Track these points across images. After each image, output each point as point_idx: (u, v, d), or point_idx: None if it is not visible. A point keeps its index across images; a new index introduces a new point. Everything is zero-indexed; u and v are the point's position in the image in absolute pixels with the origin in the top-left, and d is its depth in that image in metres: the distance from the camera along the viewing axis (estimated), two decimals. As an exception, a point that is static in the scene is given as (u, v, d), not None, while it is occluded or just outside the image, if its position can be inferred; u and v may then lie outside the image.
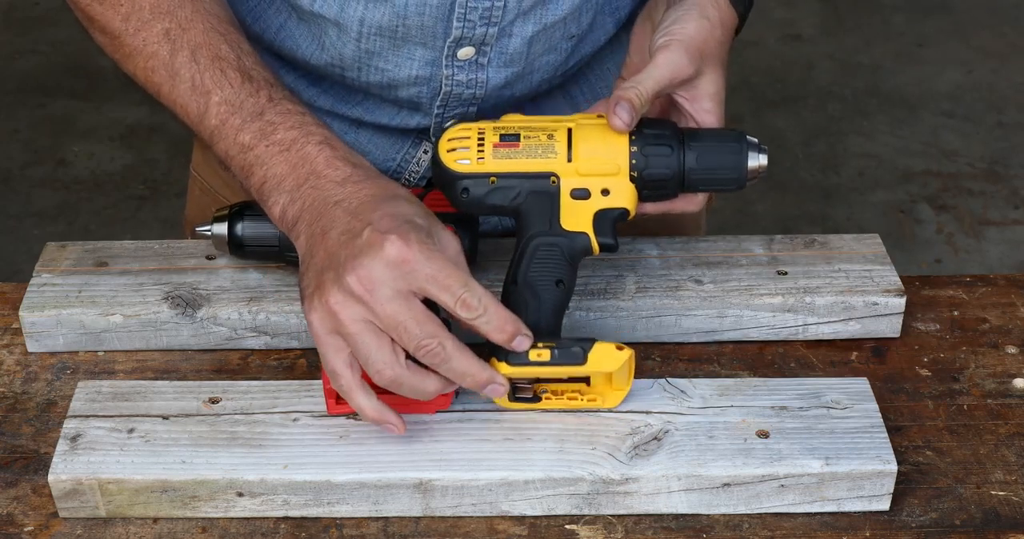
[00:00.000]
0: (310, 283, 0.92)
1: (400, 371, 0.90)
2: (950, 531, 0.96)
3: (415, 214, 0.93)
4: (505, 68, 1.12)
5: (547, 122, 1.01)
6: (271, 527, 0.95)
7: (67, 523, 0.96)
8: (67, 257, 1.14)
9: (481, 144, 1.00)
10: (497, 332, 0.92)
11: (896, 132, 3.27)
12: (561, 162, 1.00)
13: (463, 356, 0.91)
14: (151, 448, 0.96)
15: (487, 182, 1.00)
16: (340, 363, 0.91)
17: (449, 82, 1.11)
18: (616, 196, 1.00)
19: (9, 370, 1.09)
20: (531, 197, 1.00)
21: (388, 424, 0.93)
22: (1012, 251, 2.88)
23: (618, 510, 0.96)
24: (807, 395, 1.01)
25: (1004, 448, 1.02)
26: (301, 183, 0.96)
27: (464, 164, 1.00)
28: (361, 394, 0.92)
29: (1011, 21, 3.72)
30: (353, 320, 0.89)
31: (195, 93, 1.01)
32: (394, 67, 1.10)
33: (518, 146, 1.00)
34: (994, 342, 1.13)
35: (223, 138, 1.00)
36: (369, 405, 0.92)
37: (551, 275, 0.99)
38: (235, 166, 1.00)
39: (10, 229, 2.91)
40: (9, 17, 3.68)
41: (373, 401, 0.92)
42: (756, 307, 1.11)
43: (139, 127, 3.24)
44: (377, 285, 0.89)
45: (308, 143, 0.97)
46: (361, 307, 0.89)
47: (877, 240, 1.17)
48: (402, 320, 0.89)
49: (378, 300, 0.89)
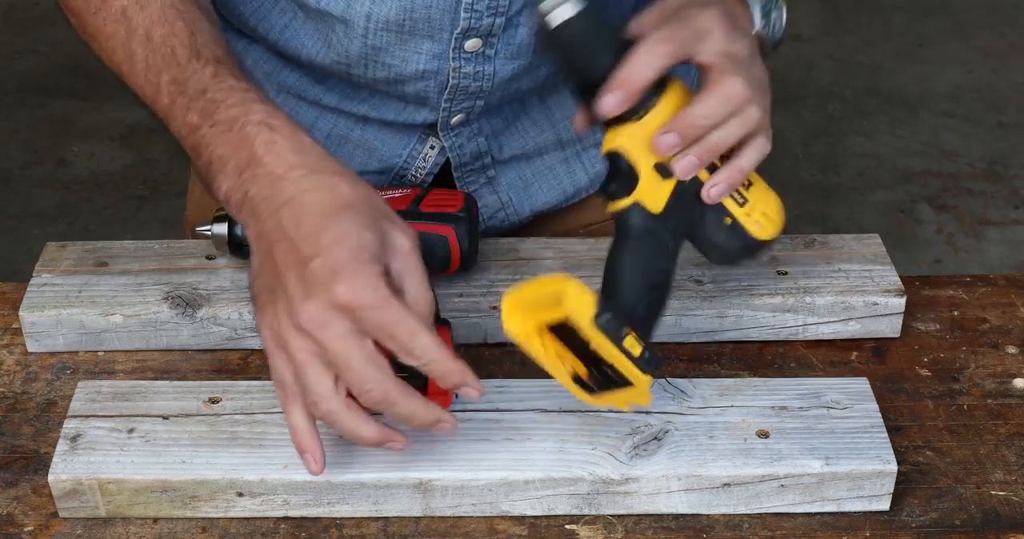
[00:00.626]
0: (260, 293, 0.90)
1: (337, 407, 0.88)
2: (950, 531, 0.96)
3: (364, 228, 0.88)
4: (512, 60, 1.11)
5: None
6: (271, 527, 0.95)
7: (67, 523, 0.96)
8: (67, 257, 1.14)
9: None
10: (443, 381, 0.89)
11: (896, 132, 3.27)
12: None
13: (408, 400, 0.88)
14: (151, 448, 0.96)
15: None
16: (288, 376, 0.89)
17: (456, 75, 1.11)
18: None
19: (9, 370, 1.09)
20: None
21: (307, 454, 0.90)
22: (1012, 251, 2.88)
23: (618, 510, 0.96)
24: (807, 395, 1.01)
25: (1004, 448, 1.02)
26: (242, 169, 0.92)
27: None
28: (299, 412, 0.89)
29: (1011, 21, 3.72)
30: (300, 349, 0.87)
31: (149, 73, 0.98)
32: (401, 62, 1.10)
33: None
34: (994, 342, 1.13)
35: (174, 118, 0.97)
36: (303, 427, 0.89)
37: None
38: (186, 147, 0.97)
39: (10, 229, 2.91)
40: (9, 17, 3.68)
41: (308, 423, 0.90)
42: (756, 307, 1.11)
43: (139, 127, 3.24)
44: (327, 324, 0.86)
45: (248, 123, 0.93)
46: (309, 340, 0.87)
47: (877, 240, 1.17)
48: (347, 360, 0.86)
49: (327, 337, 0.86)
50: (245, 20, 1.15)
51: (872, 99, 3.39)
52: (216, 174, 0.93)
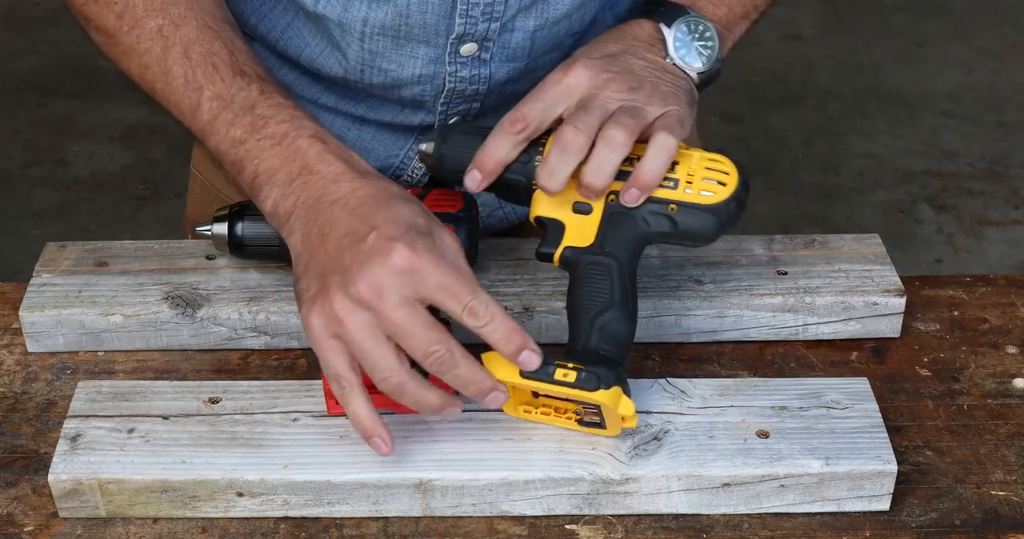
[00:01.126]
0: (310, 285, 0.92)
1: (406, 378, 0.90)
2: (950, 531, 0.96)
3: (416, 215, 0.92)
4: (508, 63, 1.12)
5: None
6: (271, 527, 0.95)
7: (67, 523, 0.96)
8: (67, 257, 1.14)
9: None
10: (504, 342, 0.91)
11: (896, 132, 3.27)
12: None
13: (469, 363, 0.91)
14: (151, 448, 0.96)
15: None
16: (343, 366, 0.90)
17: (452, 79, 1.11)
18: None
19: (9, 370, 1.09)
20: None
21: (376, 438, 0.92)
22: (1012, 251, 2.88)
23: (618, 510, 0.96)
24: (807, 395, 1.01)
25: (1004, 448, 1.02)
26: (293, 178, 0.95)
27: None
28: (361, 400, 0.91)
29: (1011, 21, 3.72)
30: (359, 326, 0.89)
31: (187, 89, 1.00)
32: (397, 67, 1.11)
33: None
34: (994, 342, 1.13)
35: (215, 133, 0.99)
36: (366, 413, 0.91)
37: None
38: (227, 161, 0.99)
39: (10, 229, 2.91)
40: (9, 17, 3.68)
41: (370, 409, 0.91)
42: (756, 307, 1.11)
43: (139, 127, 3.24)
44: (386, 292, 0.88)
45: (300, 137, 0.96)
46: (368, 314, 0.88)
47: (877, 240, 1.17)
48: (410, 327, 0.88)
49: (386, 307, 0.88)
50: (245, 19, 1.15)
51: (872, 99, 3.39)
52: (263, 186, 0.96)
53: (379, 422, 0.91)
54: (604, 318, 0.96)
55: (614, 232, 0.99)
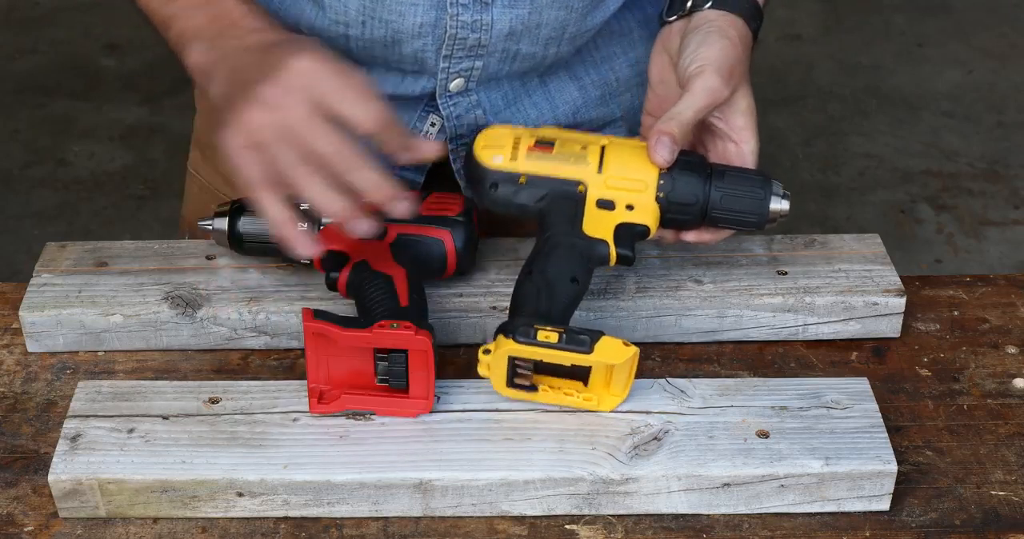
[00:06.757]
0: (223, 109, 0.97)
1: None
2: (950, 531, 0.96)
3: (327, 51, 0.97)
4: (510, 9, 1.11)
5: (583, 136, 1.05)
6: (271, 527, 0.95)
7: (67, 523, 0.96)
8: (67, 257, 1.14)
9: (516, 145, 1.04)
10: (400, 151, 0.96)
11: (896, 132, 3.27)
12: (591, 172, 1.03)
13: (374, 167, 0.94)
14: (151, 448, 0.96)
15: (516, 181, 1.03)
16: (256, 171, 0.95)
17: (454, 24, 1.11)
18: (640, 212, 1.03)
19: (9, 370, 1.09)
20: (557, 200, 1.03)
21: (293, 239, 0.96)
22: (1012, 251, 2.88)
23: (618, 510, 0.96)
24: (807, 395, 1.01)
25: (1004, 448, 1.02)
26: (218, 34, 1.02)
27: (497, 161, 1.04)
28: (276, 204, 0.95)
29: (1011, 21, 3.72)
30: (268, 125, 0.94)
31: None
32: (398, 17, 1.11)
33: (551, 151, 1.04)
34: (994, 342, 1.13)
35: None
36: (281, 215, 0.95)
37: (568, 271, 1.00)
38: (156, 19, 1.06)
39: (10, 229, 2.91)
40: (9, 17, 3.68)
41: (285, 212, 0.95)
42: (756, 307, 1.11)
43: (139, 127, 3.24)
44: (290, 92, 0.94)
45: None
46: (276, 115, 0.94)
47: (877, 240, 1.18)
48: (315, 125, 0.93)
49: (290, 105, 0.94)
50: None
51: (872, 99, 3.39)
52: (191, 41, 1.03)
53: (295, 223, 0.95)
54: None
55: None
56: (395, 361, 0.96)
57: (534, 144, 1.04)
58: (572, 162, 1.03)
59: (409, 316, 0.98)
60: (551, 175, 1.03)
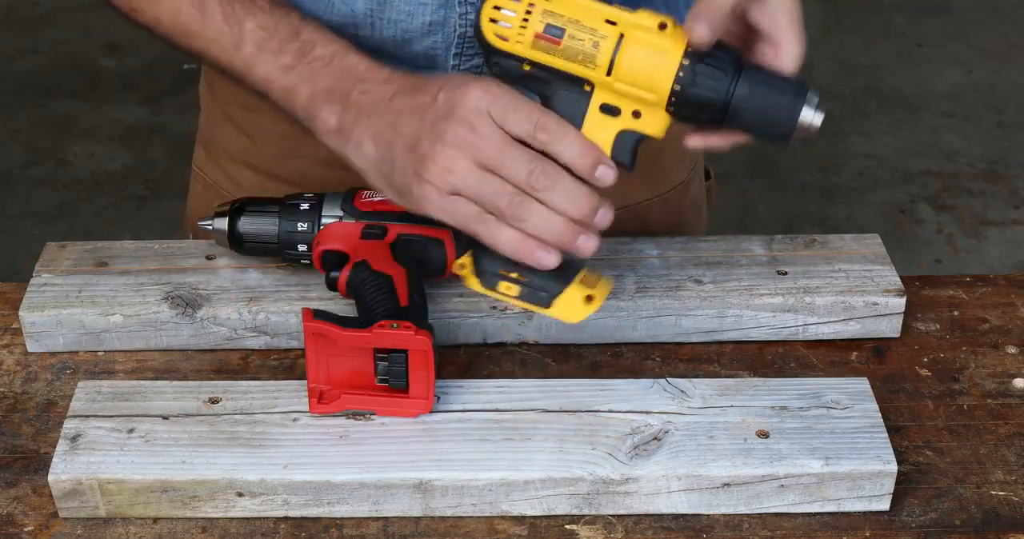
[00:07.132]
0: (405, 172, 0.94)
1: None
2: (950, 531, 0.96)
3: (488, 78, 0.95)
4: None
5: (599, 23, 0.94)
6: (271, 527, 0.95)
7: (67, 523, 0.96)
8: (67, 257, 1.14)
9: (524, 24, 0.94)
10: (580, 157, 0.93)
11: (896, 132, 3.27)
12: (599, 74, 0.94)
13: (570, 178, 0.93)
14: (151, 448, 0.96)
15: (519, 66, 0.96)
16: (473, 210, 0.93)
17: (463, 22, 1.11)
18: (646, 121, 0.95)
19: (9, 370, 1.09)
20: (560, 94, 0.96)
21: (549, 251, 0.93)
22: (1012, 251, 2.89)
23: (618, 510, 0.96)
24: (807, 395, 1.01)
25: (1004, 448, 1.02)
26: (351, 91, 0.99)
27: (502, 41, 0.95)
28: (506, 229, 0.93)
29: (1011, 21, 3.72)
30: (467, 168, 0.92)
31: (227, 23, 1.03)
32: (407, 17, 1.11)
33: (559, 45, 0.94)
34: (994, 342, 1.13)
35: (261, 62, 1.02)
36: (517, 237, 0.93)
37: None
38: (277, 89, 1.02)
39: (10, 229, 2.91)
40: (9, 17, 3.68)
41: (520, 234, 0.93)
42: (756, 307, 1.11)
43: (139, 127, 3.25)
44: (476, 125, 0.92)
45: (348, 55, 1.00)
46: (468, 153, 0.92)
47: (877, 240, 1.17)
48: (508, 150, 0.92)
49: (481, 136, 0.92)
50: None
51: (872, 99, 3.39)
52: (323, 105, 0.99)
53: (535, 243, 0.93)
54: None
55: None
56: (395, 361, 0.96)
57: (543, 31, 0.94)
58: (580, 60, 0.94)
59: (409, 316, 0.98)
60: (556, 67, 0.95)
